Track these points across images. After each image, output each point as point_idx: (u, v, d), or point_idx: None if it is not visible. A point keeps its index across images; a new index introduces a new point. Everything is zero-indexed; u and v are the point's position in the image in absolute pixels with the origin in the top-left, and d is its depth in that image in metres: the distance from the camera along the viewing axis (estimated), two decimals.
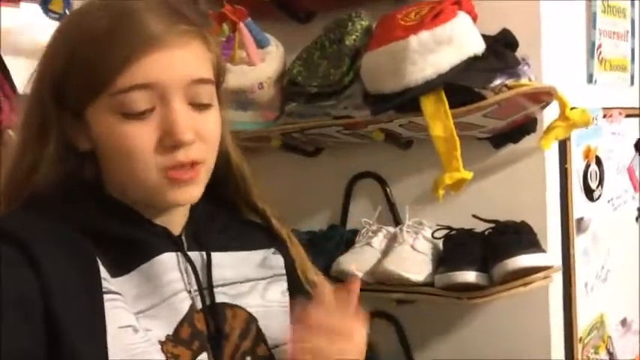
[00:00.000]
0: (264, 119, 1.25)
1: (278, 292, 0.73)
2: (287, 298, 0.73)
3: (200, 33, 0.63)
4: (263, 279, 0.72)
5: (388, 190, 1.31)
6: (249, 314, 0.68)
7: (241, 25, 1.21)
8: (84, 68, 0.59)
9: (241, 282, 0.70)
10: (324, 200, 1.40)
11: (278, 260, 0.74)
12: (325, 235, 1.30)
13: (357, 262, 1.14)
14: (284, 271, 0.74)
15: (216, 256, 0.68)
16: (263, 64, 1.22)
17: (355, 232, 1.26)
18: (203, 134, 0.62)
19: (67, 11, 1.36)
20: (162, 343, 0.60)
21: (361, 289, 1.12)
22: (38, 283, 0.55)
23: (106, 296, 0.58)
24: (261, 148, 1.40)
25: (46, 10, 1.34)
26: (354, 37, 1.14)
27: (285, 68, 1.24)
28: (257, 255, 0.73)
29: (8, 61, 1.25)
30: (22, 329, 0.53)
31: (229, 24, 1.22)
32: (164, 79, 0.59)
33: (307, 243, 1.28)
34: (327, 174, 1.38)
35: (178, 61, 0.60)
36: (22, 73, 1.18)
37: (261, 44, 1.24)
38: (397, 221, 1.28)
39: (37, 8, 1.34)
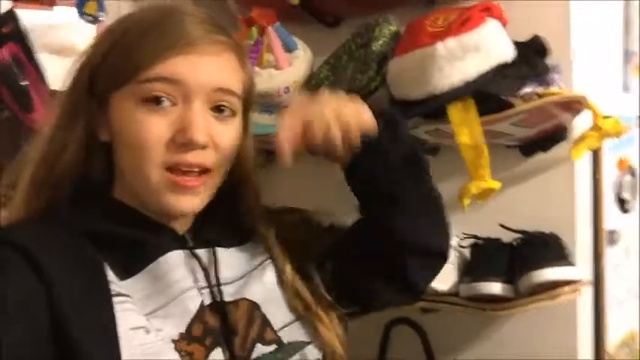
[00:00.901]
0: None
1: (273, 273, 0.72)
2: (283, 277, 0.73)
3: (236, 49, 0.66)
4: (256, 267, 0.72)
5: None
6: (252, 302, 0.69)
7: (269, 28, 1.22)
8: (120, 55, 0.62)
9: (240, 278, 0.70)
10: (348, 206, 1.39)
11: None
12: None
13: None
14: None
15: (219, 254, 0.69)
16: (290, 67, 1.22)
17: None
18: (218, 142, 0.63)
19: (101, 14, 1.39)
20: (175, 342, 0.60)
21: None
22: (44, 289, 0.55)
23: (114, 299, 0.58)
24: None
25: (82, 13, 1.38)
26: (381, 42, 1.13)
27: (312, 72, 1.24)
28: (248, 247, 0.73)
29: (43, 60, 1.28)
30: (26, 337, 0.53)
31: (258, 27, 1.23)
32: (191, 79, 0.61)
33: None
34: None
35: (208, 67, 0.62)
36: (56, 73, 1.21)
37: (289, 48, 1.25)
38: None
39: (71, 10, 1.37)
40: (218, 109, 0.64)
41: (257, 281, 0.71)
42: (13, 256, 0.56)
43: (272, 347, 0.68)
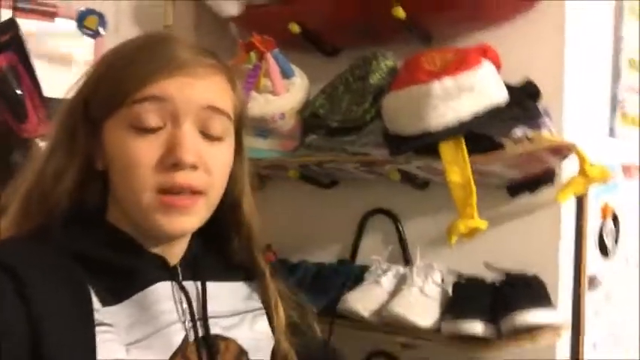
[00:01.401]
0: (283, 148, 1.26)
1: (265, 324, 0.72)
2: (271, 332, 0.73)
3: (225, 71, 0.66)
4: (251, 311, 0.72)
5: (401, 228, 1.30)
6: (240, 347, 0.68)
7: (268, 54, 1.23)
8: (111, 82, 0.62)
9: (232, 314, 0.69)
10: (336, 233, 1.39)
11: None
12: (334, 268, 1.29)
13: (364, 300, 1.13)
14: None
15: (210, 286, 0.68)
16: (287, 94, 1.24)
17: (364, 268, 1.25)
18: (208, 165, 0.62)
19: (100, 29, 1.40)
20: None
21: (366, 329, 1.13)
22: (26, 312, 0.54)
23: (97, 328, 0.57)
24: (278, 176, 1.41)
25: (81, 27, 1.38)
26: (378, 75, 1.15)
27: (308, 100, 1.25)
28: (244, 288, 0.73)
29: (41, 69, 1.28)
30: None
31: (257, 53, 1.25)
32: (179, 98, 0.61)
33: (316, 274, 1.30)
34: (342, 207, 1.38)
35: (197, 87, 0.62)
36: (53, 82, 1.21)
37: (286, 75, 1.26)
38: (407, 260, 1.27)
39: (71, 24, 1.38)
40: (208, 131, 0.63)
41: (248, 327, 0.70)
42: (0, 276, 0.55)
43: None
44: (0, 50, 1.18)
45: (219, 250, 0.73)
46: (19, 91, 1.18)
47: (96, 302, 0.58)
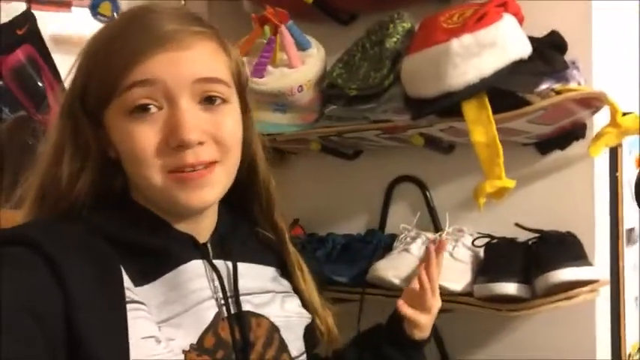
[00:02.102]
0: (303, 121, 1.24)
1: (295, 304, 0.73)
2: (304, 311, 0.74)
3: (214, 36, 0.63)
4: (280, 292, 0.72)
5: (428, 194, 1.28)
6: (272, 323, 0.68)
7: (283, 27, 1.21)
8: (99, 74, 0.60)
9: (262, 292, 0.70)
10: (363, 204, 1.38)
11: (289, 284, 0.75)
12: (363, 239, 1.28)
13: (395, 268, 1.12)
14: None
15: (240, 266, 0.68)
16: (303, 66, 1.22)
17: (393, 237, 1.24)
18: (216, 135, 0.61)
19: (115, 14, 1.40)
20: (185, 353, 0.59)
21: (399, 297, 1.12)
22: (60, 291, 0.54)
23: (128, 306, 0.57)
24: (301, 150, 1.40)
25: (95, 14, 1.39)
26: (394, 39, 1.12)
27: (325, 71, 1.23)
28: (270, 271, 0.73)
29: (60, 63, 1.29)
30: (31, 336, 0.52)
31: (271, 26, 1.23)
32: (169, 76, 0.59)
33: (344, 246, 1.29)
34: (367, 177, 1.37)
35: (184, 60, 0.60)
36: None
37: (302, 47, 1.24)
38: (437, 227, 1.25)
39: (87, 12, 1.38)
40: (208, 100, 0.62)
41: (279, 305, 0.71)
42: (30, 256, 0.55)
43: None
44: (18, 43, 1.19)
45: (248, 224, 0.73)
46: (39, 83, 1.20)
47: (127, 281, 0.59)
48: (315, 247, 1.31)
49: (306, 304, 0.74)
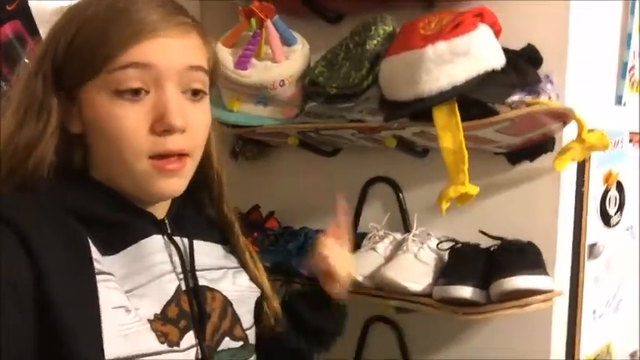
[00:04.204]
0: (283, 116, 1.26)
1: (246, 279, 0.76)
2: (254, 285, 0.76)
3: (197, 27, 0.66)
4: (231, 268, 0.75)
5: (401, 196, 1.31)
6: (225, 297, 0.71)
7: (268, 21, 1.23)
8: (85, 48, 0.61)
9: (215, 269, 0.72)
10: (333, 196, 1.40)
11: (237, 257, 0.78)
12: None
13: (360, 265, 1.14)
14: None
15: (195, 243, 0.70)
16: (287, 61, 1.24)
17: (364, 236, 1.26)
18: (193, 126, 0.64)
19: None
20: (150, 322, 0.61)
21: (360, 293, 1.14)
22: (30, 263, 0.54)
23: (98, 277, 0.58)
24: (280, 144, 1.42)
25: None
26: (375, 41, 1.14)
27: (309, 67, 1.25)
28: (220, 248, 0.76)
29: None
30: (12, 310, 0.53)
31: (257, 20, 1.25)
32: (160, 62, 0.61)
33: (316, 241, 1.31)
34: (343, 175, 1.39)
35: (175, 48, 0.62)
36: None
37: (287, 42, 1.26)
38: (407, 228, 1.27)
39: None
40: (191, 92, 0.64)
41: (231, 281, 0.73)
42: (1, 228, 0.55)
43: (239, 343, 0.71)
44: (7, 19, 1.21)
45: (195, 207, 0.75)
46: (26, 60, 1.21)
47: (95, 252, 0.60)
48: (288, 239, 1.33)
49: (255, 283, 0.77)
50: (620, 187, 1.24)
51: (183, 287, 0.66)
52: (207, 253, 0.72)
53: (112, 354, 0.56)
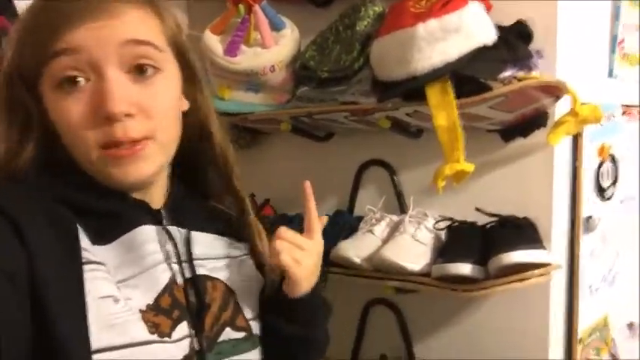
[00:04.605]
0: (275, 102, 1.26)
1: (251, 268, 0.74)
2: (259, 274, 0.75)
3: (145, 3, 0.62)
4: (235, 257, 0.73)
5: (396, 178, 1.31)
6: (228, 287, 0.70)
7: (257, 7, 1.22)
8: (26, 47, 0.60)
9: (217, 258, 0.71)
10: (333, 185, 1.40)
11: (244, 247, 0.76)
12: (330, 220, 1.30)
13: (357, 248, 1.15)
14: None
15: (194, 234, 0.69)
16: (277, 47, 1.23)
17: (360, 219, 1.26)
18: (146, 107, 0.60)
19: None
20: (142, 312, 0.60)
21: (359, 276, 1.14)
22: (25, 252, 0.54)
23: (87, 266, 0.57)
24: (272, 130, 1.42)
25: None
26: (365, 22, 1.13)
27: (299, 52, 1.24)
28: (223, 239, 0.74)
29: None
30: (6, 297, 0.53)
31: (245, 5, 1.23)
32: (92, 43, 0.58)
33: None
34: (337, 160, 1.39)
35: (108, 27, 0.59)
36: None
37: (276, 27, 1.25)
38: (403, 210, 1.27)
39: None
40: (138, 70, 0.60)
41: (234, 270, 0.72)
42: None
43: (241, 334, 0.69)
44: None
45: (197, 198, 0.73)
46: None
47: (86, 242, 0.59)
48: (284, 226, 1.32)
49: (260, 267, 0.75)
50: (613, 160, 1.25)
51: (179, 277, 0.65)
52: (208, 243, 0.71)
53: (100, 343, 0.55)
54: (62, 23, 0.58)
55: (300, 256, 0.71)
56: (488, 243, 1.03)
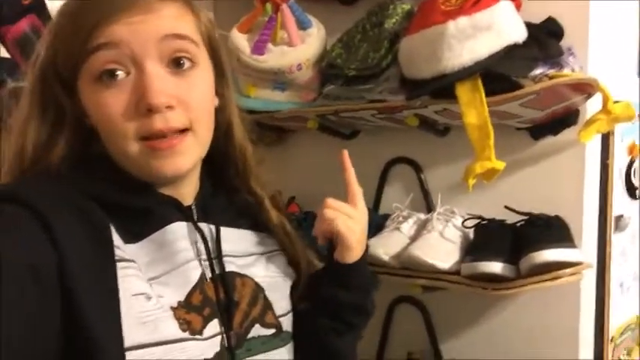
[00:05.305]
0: (302, 100, 1.26)
1: (280, 264, 0.75)
2: (289, 270, 0.75)
3: (178, 1, 0.63)
4: (264, 253, 0.74)
5: (422, 176, 1.30)
6: (257, 283, 0.70)
7: (284, 6, 1.23)
8: (66, 40, 0.61)
9: (246, 255, 0.72)
10: (359, 183, 1.40)
11: (274, 242, 0.76)
12: None
13: (385, 246, 1.15)
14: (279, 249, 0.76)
15: (223, 230, 0.69)
16: (303, 45, 1.23)
17: (386, 217, 1.26)
18: (185, 99, 0.61)
19: None
20: (174, 309, 0.60)
21: (387, 273, 1.14)
22: (53, 249, 0.54)
23: (119, 264, 0.58)
24: (299, 128, 1.42)
25: None
26: (394, 20, 1.13)
27: (325, 50, 1.25)
28: (252, 234, 0.75)
29: None
30: (31, 293, 0.53)
31: (272, 4, 1.24)
32: (132, 38, 0.59)
33: None
34: (363, 157, 1.36)
35: (149, 22, 0.60)
36: None
37: (303, 25, 1.25)
38: (430, 208, 1.27)
39: None
40: (175, 63, 0.62)
41: (263, 267, 0.72)
42: (22, 213, 0.55)
43: (271, 331, 0.70)
44: (23, 14, 1.21)
45: (227, 193, 0.74)
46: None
47: (117, 239, 0.60)
48: (310, 224, 1.32)
49: (291, 263, 0.76)
50: None
51: (209, 274, 0.65)
52: (237, 240, 0.72)
53: (132, 341, 0.56)
54: (101, 18, 0.59)
55: (351, 223, 0.74)
56: (518, 241, 1.03)
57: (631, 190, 1.21)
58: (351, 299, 0.76)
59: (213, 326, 0.63)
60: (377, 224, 1.26)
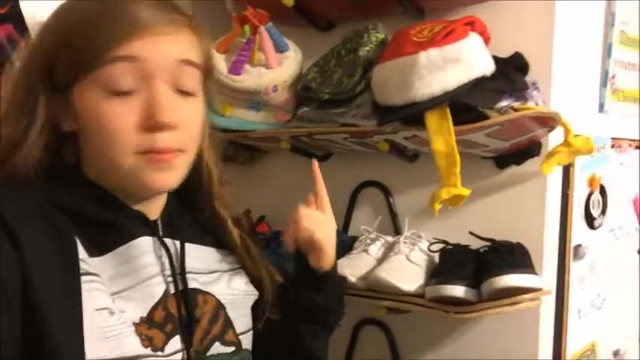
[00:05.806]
0: (276, 121, 1.28)
1: (242, 282, 0.76)
2: (251, 288, 0.76)
3: (190, 24, 0.66)
4: (227, 271, 0.75)
5: (391, 200, 1.33)
6: (219, 301, 0.71)
7: (262, 28, 1.25)
8: (76, 46, 0.61)
9: (209, 272, 0.72)
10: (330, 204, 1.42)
11: (237, 260, 0.77)
12: None
13: (352, 267, 1.16)
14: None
15: (187, 246, 0.70)
16: (280, 67, 1.26)
17: (355, 239, 1.28)
18: (186, 122, 0.63)
19: None
20: (136, 325, 0.61)
21: (352, 294, 1.16)
22: (18, 258, 0.54)
23: (83, 277, 0.58)
24: (272, 149, 1.44)
25: None
26: (368, 48, 1.17)
27: (301, 73, 1.28)
28: (215, 251, 0.75)
29: None
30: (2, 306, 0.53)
31: (251, 26, 1.27)
32: (149, 56, 0.61)
33: None
34: (334, 180, 1.38)
35: (166, 44, 0.62)
36: None
37: (280, 48, 1.28)
38: (397, 231, 1.30)
39: None
40: (182, 87, 0.64)
41: (226, 284, 0.73)
42: None
43: (231, 349, 0.70)
44: None
45: (191, 211, 0.75)
46: (16, 61, 1.21)
47: (82, 252, 0.59)
48: (278, 243, 1.34)
49: (253, 281, 0.77)
50: (602, 190, 1.29)
51: (172, 290, 0.66)
52: (201, 257, 0.72)
53: (94, 355, 0.56)
54: (125, 32, 0.60)
55: (325, 231, 0.79)
56: (481, 266, 1.06)
57: (590, 220, 1.26)
58: (328, 302, 0.81)
59: (175, 343, 0.64)
60: (346, 245, 1.28)
